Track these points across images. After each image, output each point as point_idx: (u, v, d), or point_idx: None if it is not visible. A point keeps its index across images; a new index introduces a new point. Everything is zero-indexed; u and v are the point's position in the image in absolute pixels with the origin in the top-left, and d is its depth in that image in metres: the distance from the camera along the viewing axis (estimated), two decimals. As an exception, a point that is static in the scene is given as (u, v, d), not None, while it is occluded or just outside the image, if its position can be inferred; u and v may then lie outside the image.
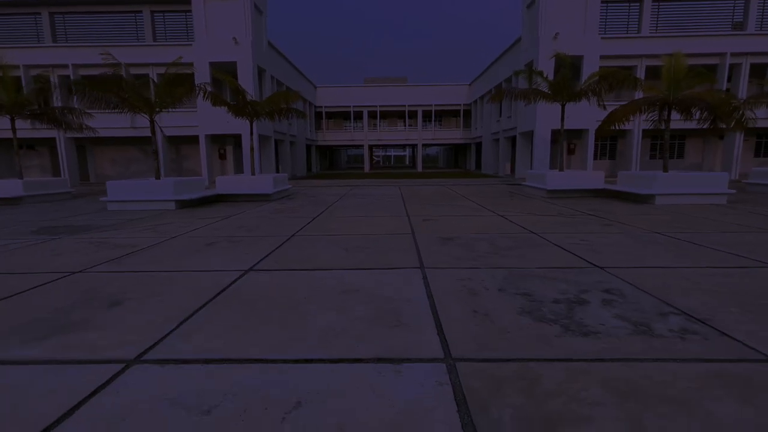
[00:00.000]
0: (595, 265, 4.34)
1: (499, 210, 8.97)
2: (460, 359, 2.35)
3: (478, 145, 35.11)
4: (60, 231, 7.02)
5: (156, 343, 2.60)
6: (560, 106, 18.25)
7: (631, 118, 10.00)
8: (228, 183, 11.75)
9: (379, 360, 2.35)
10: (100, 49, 17.89)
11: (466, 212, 8.70)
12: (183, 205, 10.26)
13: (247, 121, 12.41)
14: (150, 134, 17.97)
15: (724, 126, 9.57)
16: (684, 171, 12.24)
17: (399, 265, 4.44)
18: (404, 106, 36.95)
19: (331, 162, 53.24)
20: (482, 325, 2.82)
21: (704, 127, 9.88)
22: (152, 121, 10.58)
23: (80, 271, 4.32)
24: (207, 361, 2.36)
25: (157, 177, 10.75)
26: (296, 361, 2.36)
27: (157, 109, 10.87)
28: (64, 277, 4.13)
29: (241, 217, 8.41)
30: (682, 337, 2.59)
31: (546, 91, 12.56)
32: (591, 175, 11.96)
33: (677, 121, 11.46)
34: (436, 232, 6.36)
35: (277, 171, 25.17)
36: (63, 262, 4.78)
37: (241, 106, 11.95)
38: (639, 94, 19.67)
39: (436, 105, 36.81)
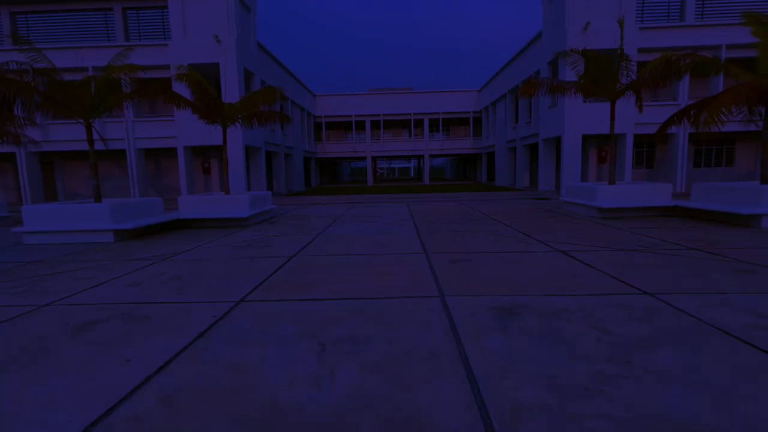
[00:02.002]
0: None
1: (552, 241, 6.40)
2: None
3: (490, 155, 32.65)
4: None
5: None
6: (593, 106, 15.69)
7: (733, 114, 7.45)
8: (193, 204, 9.30)
9: None
10: (66, 52, 15.72)
11: (508, 246, 6.13)
12: (127, 235, 7.80)
13: (221, 127, 10.02)
14: (107, 147, 15.69)
15: None
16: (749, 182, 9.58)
17: (434, 420, 1.88)
18: (409, 114, 34.67)
19: (332, 175, 51.11)
20: None
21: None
22: (89, 128, 8.19)
23: None
24: None
25: (97, 199, 8.32)
26: None
27: (97, 114, 8.53)
28: None
29: (189, 257, 5.90)
30: None
31: (580, 83, 10.07)
32: (653, 188, 9.37)
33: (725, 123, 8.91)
34: (481, 292, 3.81)
35: (270, 186, 22.80)
36: None
37: (210, 109, 9.55)
38: (685, 94, 17.17)
39: (443, 113, 34.49)
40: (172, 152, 18.94)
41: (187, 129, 16.22)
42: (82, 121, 8.26)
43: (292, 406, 2.04)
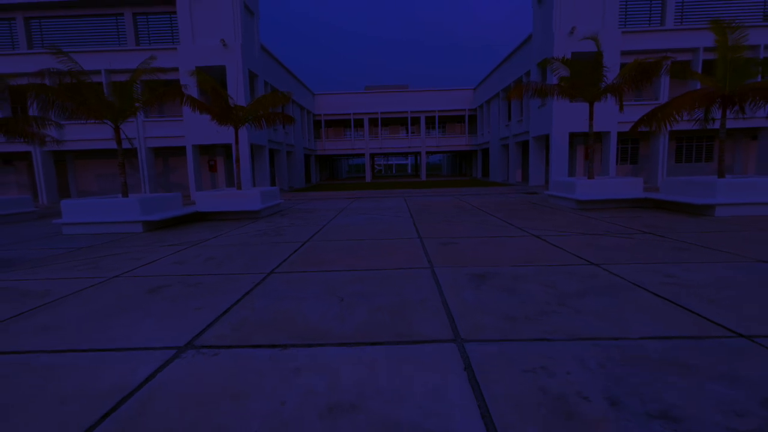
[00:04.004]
0: (734, 331, 2.73)
1: (530, 228, 7.36)
2: None
3: (485, 152, 33.61)
4: (-25, 268, 5.46)
5: None
6: (580, 106, 16.64)
7: (684, 116, 8.42)
8: (209, 199, 10.21)
9: None
10: (80, 56, 16.57)
11: (491, 232, 7.09)
12: (153, 226, 8.72)
13: (233, 128, 10.92)
14: (133, 146, 16.56)
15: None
16: (738, 176, 10.55)
17: (421, 333, 2.84)
18: (406, 112, 35.55)
19: (331, 172, 51.94)
20: None
21: None
22: (117, 130, 9.08)
23: None
24: None
25: (125, 194, 9.22)
26: None
27: (131, 116, 9.44)
28: None
29: (216, 243, 6.84)
30: None
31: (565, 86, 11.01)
32: (627, 182, 10.35)
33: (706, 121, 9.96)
34: (463, 264, 4.77)
35: (273, 183, 23.69)
36: None
37: (224, 112, 10.45)
38: (665, 94, 18.15)
39: (439, 111, 35.40)
40: (178, 151, 19.78)
41: (195, 128, 17.09)
42: (109, 122, 9.14)
43: (325, 329, 2.99)
